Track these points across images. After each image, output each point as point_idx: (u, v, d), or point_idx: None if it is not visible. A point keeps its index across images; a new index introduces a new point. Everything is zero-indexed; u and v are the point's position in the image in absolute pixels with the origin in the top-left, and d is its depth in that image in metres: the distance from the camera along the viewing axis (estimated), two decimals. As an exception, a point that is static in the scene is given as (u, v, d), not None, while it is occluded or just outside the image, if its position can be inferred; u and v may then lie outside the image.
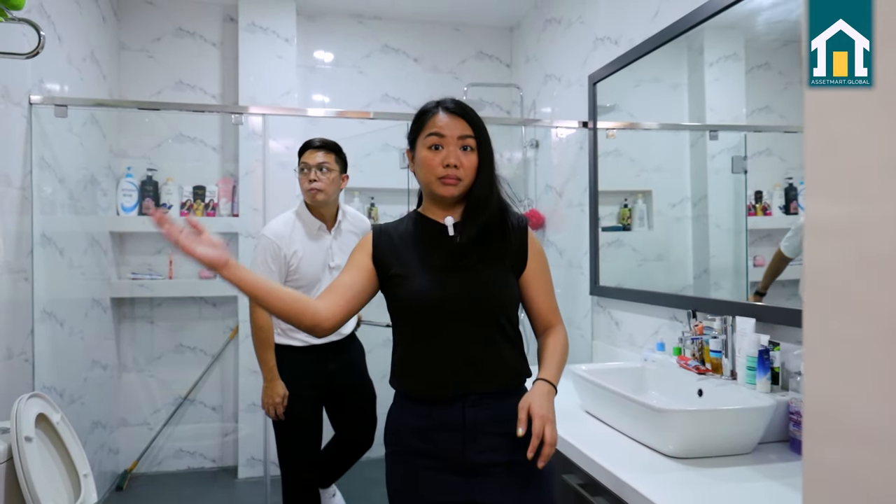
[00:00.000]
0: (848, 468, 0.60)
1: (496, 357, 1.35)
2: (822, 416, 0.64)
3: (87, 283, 2.91)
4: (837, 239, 0.61)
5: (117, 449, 3.30)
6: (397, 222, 1.45)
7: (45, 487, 1.74)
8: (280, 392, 2.20)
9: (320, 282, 2.26)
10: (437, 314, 1.33)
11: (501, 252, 1.38)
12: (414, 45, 3.75)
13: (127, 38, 3.36)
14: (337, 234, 2.32)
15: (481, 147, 1.36)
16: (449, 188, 1.33)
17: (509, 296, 1.38)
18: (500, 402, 1.34)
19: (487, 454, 1.31)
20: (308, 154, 2.24)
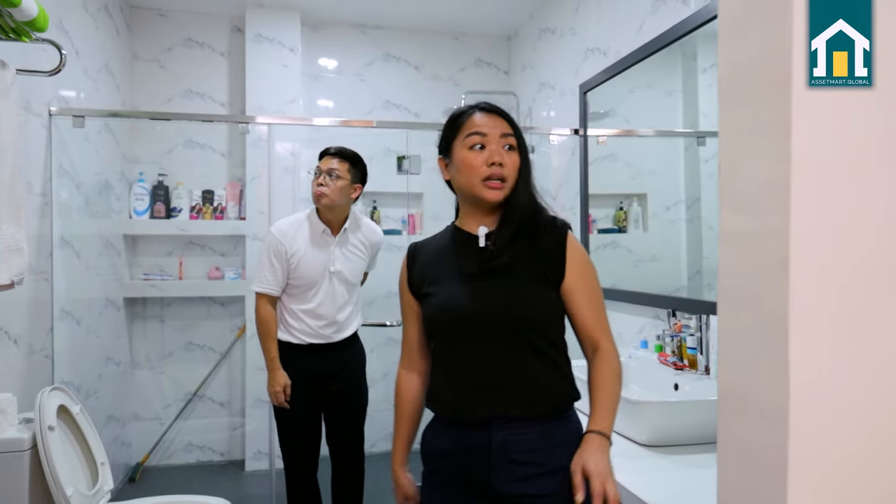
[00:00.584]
0: (749, 442, 0.72)
1: (526, 378, 1.21)
2: (732, 398, 0.75)
3: (102, 284, 3.05)
4: (741, 246, 0.73)
5: (130, 442, 3.44)
6: (434, 237, 1.39)
7: (66, 473, 1.87)
8: (281, 381, 2.28)
9: (318, 285, 2.32)
10: (460, 331, 1.25)
11: (536, 262, 1.24)
12: (415, 53, 3.88)
13: (139, 48, 3.50)
14: (342, 241, 2.36)
15: (521, 148, 1.26)
16: (494, 192, 1.22)
17: (541, 311, 1.23)
18: (532, 428, 1.20)
19: (514, 484, 1.18)
20: (324, 160, 2.32)
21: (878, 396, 0.66)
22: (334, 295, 2.35)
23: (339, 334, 2.38)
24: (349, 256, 2.38)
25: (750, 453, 0.72)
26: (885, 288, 0.65)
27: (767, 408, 0.68)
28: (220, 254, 3.61)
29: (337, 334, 2.37)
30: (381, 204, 3.76)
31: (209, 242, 3.59)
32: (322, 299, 2.33)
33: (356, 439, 2.49)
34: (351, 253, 2.39)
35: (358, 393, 2.47)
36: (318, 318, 2.34)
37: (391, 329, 3.44)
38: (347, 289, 2.40)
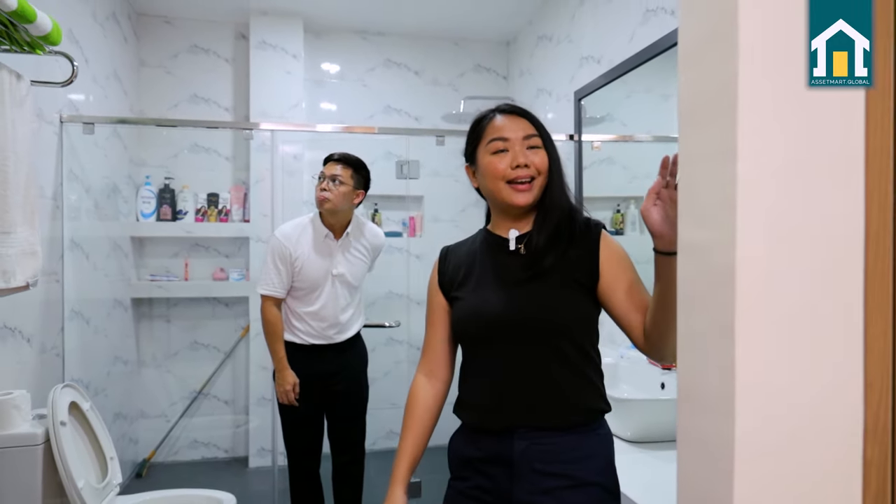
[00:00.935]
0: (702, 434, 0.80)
1: (552, 386, 1.16)
2: (688, 396, 0.83)
3: (110, 285, 3.14)
4: (696, 257, 0.81)
5: (137, 439, 3.53)
6: (466, 240, 1.36)
7: (77, 467, 1.95)
8: (290, 380, 2.36)
9: (321, 288, 2.39)
10: (487, 337, 1.20)
11: (570, 266, 1.18)
12: (415, 58, 3.96)
13: (146, 55, 3.59)
14: (345, 245, 2.42)
15: (548, 147, 1.22)
16: (522, 195, 1.18)
17: (571, 317, 1.17)
18: (557, 439, 1.15)
19: (538, 496, 1.14)
20: (328, 165, 2.37)
21: (814, 392, 0.73)
22: (336, 297, 2.41)
23: (341, 335, 2.45)
24: (351, 260, 2.44)
25: (703, 444, 0.79)
26: (820, 296, 0.73)
27: (718, 404, 0.76)
28: (224, 255, 3.70)
29: (339, 335, 2.44)
30: (383, 207, 3.84)
31: (214, 244, 3.68)
32: (325, 301, 2.40)
33: (357, 436, 2.57)
34: (353, 257, 2.45)
35: (359, 392, 2.55)
36: (321, 320, 2.41)
37: (391, 329, 3.52)
38: (350, 291, 2.46)
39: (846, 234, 0.73)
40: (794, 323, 0.73)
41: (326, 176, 2.34)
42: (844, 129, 0.72)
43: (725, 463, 0.74)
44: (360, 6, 3.50)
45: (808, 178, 0.73)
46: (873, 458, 0.74)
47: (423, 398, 1.29)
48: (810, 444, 0.73)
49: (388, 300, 3.77)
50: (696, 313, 0.81)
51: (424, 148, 3.11)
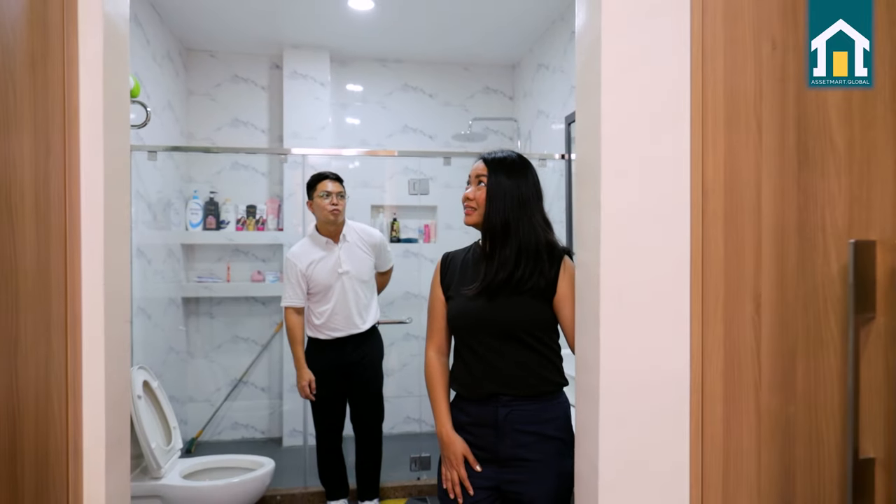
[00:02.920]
0: (585, 383, 1.21)
1: (522, 367, 1.54)
2: (580, 359, 1.25)
3: (166, 285, 3.65)
4: (581, 269, 1.23)
5: (186, 420, 4.04)
6: (463, 248, 1.74)
7: (151, 433, 2.44)
8: (306, 377, 2.77)
9: (332, 287, 2.79)
10: (469, 330, 1.59)
11: (537, 281, 1.55)
12: (429, 82, 4.40)
13: (193, 85, 4.10)
14: (344, 246, 2.83)
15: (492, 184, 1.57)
16: (467, 216, 1.62)
17: (528, 319, 1.55)
18: (530, 405, 1.54)
19: (516, 450, 1.52)
20: (330, 183, 2.77)
21: (652, 356, 1.14)
22: (346, 292, 2.80)
23: (357, 327, 2.84)
24: (354, 258, 2.83)
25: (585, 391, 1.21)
26: (655, 296, 1.14)
27: (591, 365, 1.18)
28: (261, 260, 4.19)
29: (355, 327, 2.83)
30: (400, 216, 4.28)
31: (252, 250, 4.17)
32: (338, 297, 2.79)
33: (375, 419, 2.97)
34: (355, 255, 2.84)
35: (375, 379, 2.95)
36: (338, 314, 2.80)
37: (407, 326, 3.97)
38: (360, 286, 2.85)
39: (676, 258, 1.12)
40: (637, 312, 1.14)
41: (333, 193, 2.76)
42: (673, 187, 1.12)
43: (594, 402, 1.16)
44: (381, 38, 3.95)
45: (647, 221, 1.14)
46: (696, 401, 1.15)
47: (440, 368, 1.68)
48: (651, 389, 1.14)
49: (405, 300, 4.21)
50: (582, 307, 1.23)
51: (437, 165, 3.56)
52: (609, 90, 1.12)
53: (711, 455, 1.08)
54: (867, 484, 0.76)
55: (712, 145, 1.06)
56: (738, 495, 1.02)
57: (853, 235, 0.77)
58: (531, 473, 1.52)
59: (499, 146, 4.36)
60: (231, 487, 2.49)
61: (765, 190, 0.94)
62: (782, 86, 0.90)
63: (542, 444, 1.53)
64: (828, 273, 0.81)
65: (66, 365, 0.98)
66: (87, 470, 1.03)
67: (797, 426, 0.88)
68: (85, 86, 1.03)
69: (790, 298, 0.88)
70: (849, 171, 0.79)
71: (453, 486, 1.57)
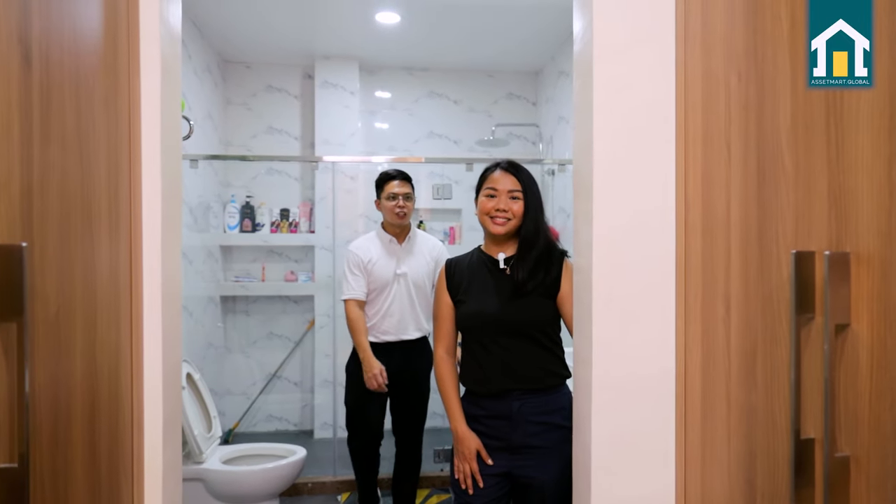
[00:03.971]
0: (581, 375, 1.35)
1: (532, 362, 1.68)
2: (577, 354, 1.38)
3: (205, 285, 3.88)
4: (578, 273, 1.36)
5: (224, 412, 4.27)
6: (464, 255, 1.87)
7: (194, 421, 2.64)
8: (375, 366, 2.61)
9: (389, 286, 2.72)
10: (487, 330, 1.71)
11: (544, 282, 1.70)
12: (454, 89, 4.55)
13: (230, 95, 4.33)
14: (407, 248, 2.77)
15: (528, 198, 1.74)
16: (498, 226, 1.71)
17: (540, 318, 1.70)
18: (540, 398, 1.67)
19: (527, 438, 1.66)
20: (397, 185, 2.71)
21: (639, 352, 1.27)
22: (402, 295, 2.73)
23: (408, 333, 2.75)
24: (414, 262, 2.76)
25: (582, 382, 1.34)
26: (643, 298, 1.27)
27: (585, 358, 1.31)
28: (294, 260, 4.39)
29: (406, 333, 2.75)
30: (426, 219, 4.44)
31: (286, 251, 4.38)
32: (393, 299, 2.72)
33: (415, 432, 2.83)
34: (416, 259, 2.77)
35: (420, 392, 2.79)
36: (391, 315, 2.72)
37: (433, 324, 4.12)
38: (417, 292, 2.76)
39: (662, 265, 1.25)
40: (625, 313, 1.27)
41: (400, 194, 2.71)
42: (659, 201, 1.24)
43: (588, 393, 1.30)
44: (408, 48, 4.12)
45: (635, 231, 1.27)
46: (681, 393, 1.27)
47: (451, 367, 1.81)
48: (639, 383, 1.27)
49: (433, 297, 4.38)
50: (579, 306, 1.37)
51: (461, 170, 3.71)
52: (600, 111, 1.26)
53: (692, 441, 1.21)
54: (807, 461, 0.88)
55: (692, 163, 1.19)
56: (713, 476, 1.14)
57: (798, 246, 0.90)
58: (540, 459, 1.66)
59: (521, 151, 4.49)
60: (266, 472, 2.68)
61: (733, 204, 1.06)
62: (745, 113, 1.03)
63: (550, 432, 1.67)
64: (780, 279, 0.94)
65: (130, 352, 1.16)
66: (147, 443, 1.21)
67: (758, 414, 1.00)
68: (145, 115, 1.20)
69: (752, 301, 1.01)
70: (795, 189, 0.91)
71: (465, 478, 1.70)
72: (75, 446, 0.94)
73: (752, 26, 1.00)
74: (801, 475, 0.88)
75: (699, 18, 1.17)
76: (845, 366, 0.82)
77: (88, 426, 0.98)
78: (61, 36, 0.91)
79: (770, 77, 0.95)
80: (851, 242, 0.81)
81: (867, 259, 0.79)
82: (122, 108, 1.12)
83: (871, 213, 0.78)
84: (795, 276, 0.87)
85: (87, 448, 0.98)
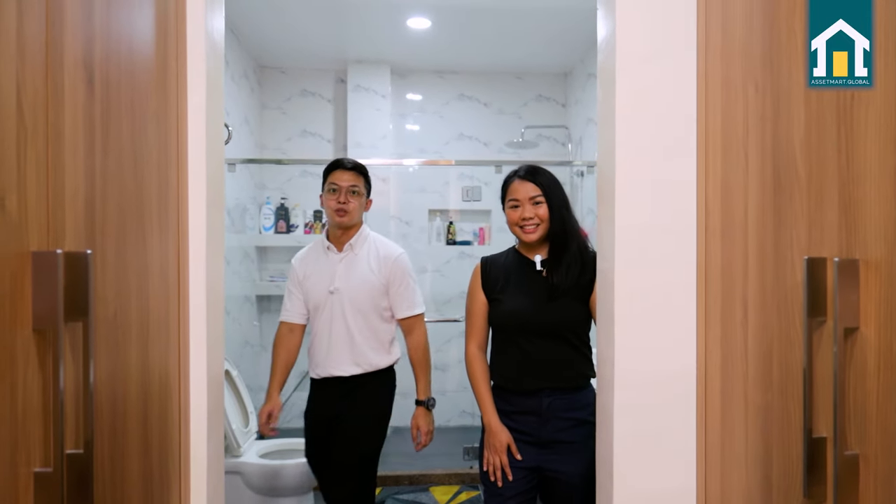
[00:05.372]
0: (603, 374, 1.39)
1: (563, 362, 1.74)
2: (600, 353, 1.43)
3: (242, 284, 4.01)
4: (601, 276, 1.41)
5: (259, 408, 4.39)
6: (500, 254, 1.91)
7: (232, 416, 2.75)
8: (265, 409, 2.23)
9: (322, 307, 2.13)
10: (518, 330, 1.76)
11: (578, 285, 1.74)
12: (484, 92, 4.60)
13: (266, 99, 4.45)
14: (347, 257, 2.15)
15: (550, 200, 1.76)
16: (530, 234, 1.76)
17: (573, 319, 1.74)
18: (569, 395, 1.73)
19: (556, 433, 1.71)
20: (338, 174, 2.14)
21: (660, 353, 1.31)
22: (333, 319, 2.12)
23: (338, 369, 2.13)
24: (355, 276, 2.12)
25: (604, 380, 1.39)
26: (665, 300, 1.31)
27: (607, 358, 1.36)
28: (327, 260, 4.50)
29: (336, 368, 2.13)
30: (456, 220, 4.50)
31: (319, 251, 4.49)
32: (323, 323, 2.13)
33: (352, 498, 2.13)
34: (358, 272, 2.13)
35: (361, 441, 2.13)
36: (320, 347, 2.16)
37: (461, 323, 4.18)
38: (355, 316, 2.12)
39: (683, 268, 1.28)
40: (648, 314, 1.31)
41: (343, 187, 2.12)
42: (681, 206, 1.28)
43: (610, 390, 1.34)
44: (438, 52, 4.19)
45: (656, 235, 1.31)
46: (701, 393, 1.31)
47: (483, 363, 1.86)
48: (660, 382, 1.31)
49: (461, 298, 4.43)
50: (602, 307, 1.41)
51: (490, 172, 3.76)
52: (623, 120, 1.30)
53: (712, 438, 1.24)
54: (819, 459, 0.91)
55: (712, 171, 1.23)
56: (731, 472, 1.18)
57: (811, 252, 0.93)
58: (568, 454, 1.72)
59: (551, 153, 4.51)
60: (300, 466, 2.77)
61: (750, 210, 1.10)
62: (762, 123, 1.06)
63: (577, 428, 1.72)
64: (794, 283, 0.97)
65: (178, 350, 1.25)
66: (193, 435, 1.30)
67: (773, 413, 1.03)
68: (192, 127, 1.29)
69: (768, 304, 1.04)
70: (808, 197, 0.94)
71: (494, 471, 1.76)
72: (131, 436, 1.02)
73: (768, 39, 1.04)
74: (813, 472, 0.91)
75: (719, 30, 1.21)
76: (854, 367, 0.85)
77: (142, 418, 1.07)
78: (119, 56, 1.00)
79: (785, 89, 0.98)
80: (860, 249, 0.84)
81: (875, 265, 0.82)
82: (171, 120, 1.21)
83: (879, 221, 0.81)
84: (808, 281, 0.90)
85: (141, 438, 1.07)
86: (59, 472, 0.78)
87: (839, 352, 0.85)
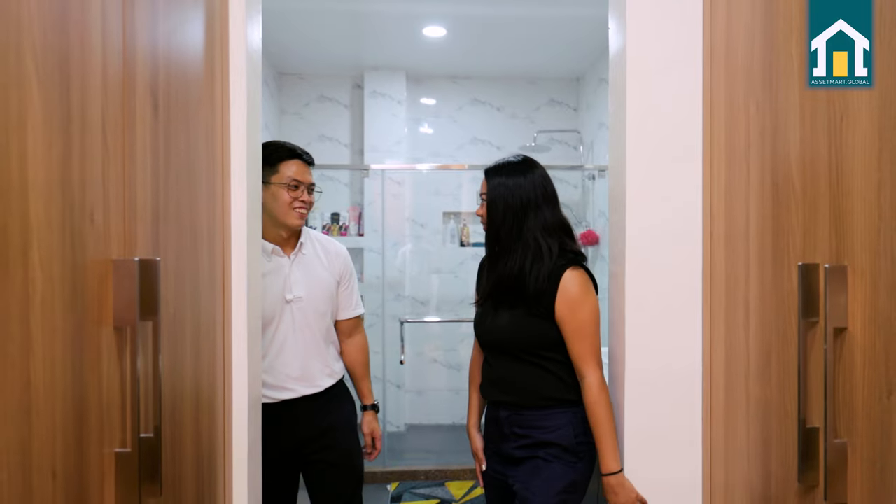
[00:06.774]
0: (615, 372, 1.49)
1: (519, 380, 1.59)
2: (611, 353, 1.52)
3: (262, 285, 4.12)
4: (612, 279, 1.50)
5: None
6: None
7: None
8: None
9: (276, 320, 1.82)
10: (480, 341, 1.72)
11: (534, 300, 1.53)
12: (497, 96, 4.69)
13: (285, 105, 4.57)
14: (298, 259, 1.87)
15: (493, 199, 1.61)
16: None
17: (522, 337, 1.56)
18: (526, 414, 1.58)
19: (514, 450, 1.61)
20: (301, 170, 1.85)
21: (667, 353, 1.41)
22: (297, 330, 1.85)
23: (315, 384, 1.88)
24: (311, 279, 1.88)
25: (616, 379, 1.49)
26: (671, 303, 1.40)
27: (619, 357, 1.45)
28: (344, 262, 4.61)
29: (312, 384, 1.87)
30: (469, 222, 4.60)
31: (336, 253, 4.60)
32: (285, 337, 1.83)
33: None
34: (313, 274, 1.90)
35: (350, 462, 1.95)
36: (286, 364, 1.83)
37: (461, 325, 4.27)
38: (319, 322, 1.89)
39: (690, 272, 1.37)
40: (656, 315, 1.41)
41: (303, 183, 1.84)
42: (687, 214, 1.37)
43: (621, 387, 1.44)
44: (453, 59, 4.29)
45: (665, 241, 1.40)
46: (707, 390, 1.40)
47: (476, 368, 1.83)
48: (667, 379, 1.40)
49: (475, 299, 4.53)
50: (613, 309, 1.50)
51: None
52: (633, 131, 1.40)
53: (717, 431, 1.34)
54: (813, 448, 1.00)
55: (717, 181, 1.32)
56: (735, 462, 1.27)
57: (805, 259, 1.02)
58: (524, 472, 1.58)
59: (563, 156, 4.60)
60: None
61: (751, 219, 1.19)
62: (762, 139, 1.15)
63: (536, 448, 1.57)
64: (790, 287, 1.06)
65: (223, 348, 1.36)
66: (234, 425, 1.40)
67: (772, 406, 1.13)
68: (234, 142, 1.40)
69: (767, 305, 1.14)
70: (803, 208, 1.04)
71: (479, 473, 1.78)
72: (186, 425, 1.14)
73: (768, 62, 1.13)
74: (807, 460, 1.00)
75: (723, 48, 1.30)
76: (843, 363, 0.95)
77: (194, 409, 1.18)
78: (177, 80, 1.11)
79: (783, 111, 1.07)
80: (849, 257, 0.94)
81: (861, 271, 0.91)
82: (216, 134, 1.32)
83: (864, 231, 0.90)
84: (801, 285, 0.99)
85: (194, 426, 1.18)
86: (136, 452, 0.89)
87: (829, 349, 0.94)
